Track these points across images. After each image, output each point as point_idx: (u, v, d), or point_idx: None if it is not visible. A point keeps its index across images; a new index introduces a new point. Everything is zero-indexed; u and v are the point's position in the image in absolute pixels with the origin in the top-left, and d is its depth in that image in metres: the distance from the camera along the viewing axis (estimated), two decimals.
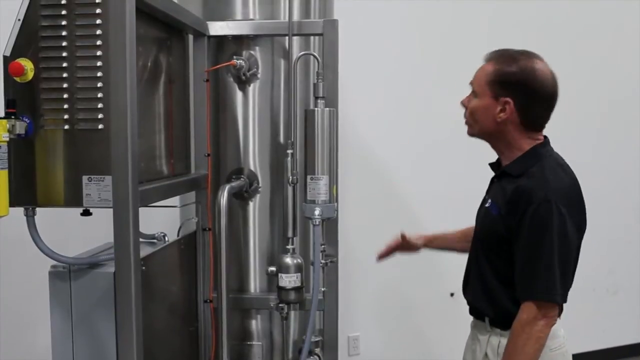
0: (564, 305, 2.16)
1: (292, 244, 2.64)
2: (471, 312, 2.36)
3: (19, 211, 2.07)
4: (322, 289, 2.68)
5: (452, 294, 4.06)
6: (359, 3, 3.78)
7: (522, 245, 2.07)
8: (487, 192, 2.37)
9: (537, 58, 2.18)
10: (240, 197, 2.78)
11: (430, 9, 3.98)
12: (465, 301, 2.39)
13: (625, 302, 4.46)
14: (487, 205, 2.27)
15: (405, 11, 3.94)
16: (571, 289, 2.14)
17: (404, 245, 2.76)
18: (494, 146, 2.29)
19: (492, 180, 2.35)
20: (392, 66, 3.95)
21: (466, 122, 2.29)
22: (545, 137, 2.25)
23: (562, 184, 2.11)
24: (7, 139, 1.93)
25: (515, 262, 2.10)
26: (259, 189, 2.80)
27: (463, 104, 2.29)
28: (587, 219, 2.17)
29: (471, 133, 2.30)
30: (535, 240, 2.05)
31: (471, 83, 2.25)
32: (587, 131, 4.12)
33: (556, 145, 2.29)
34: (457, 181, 3.83)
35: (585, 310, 3.84)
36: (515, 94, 2.14)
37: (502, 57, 2.19)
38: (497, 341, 2.22)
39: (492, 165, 2.37)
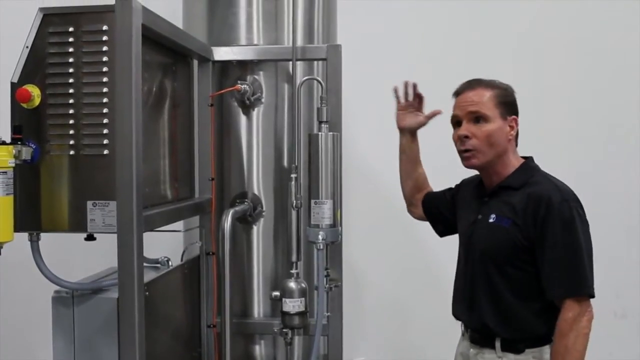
0: None
1: (296, 269, 2.63)
2: (475, 340, 2.31)
3: (23, 235, 2.08)
4: (327, 314, 2.67)
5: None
6: (362, 27, 3.80)
7: (552, 247, 2.12)
8: (473, 212, 2.34)
9: None
10: (244, 221, 2.79)
11: (435, 32, 3.99)
12: None
13: (633, 325, 4.43)
14: (491, 220, 2.24)
15: (409, 35, 3.96)
16: None
17: (413, 100, 2.60)
18: (491, 171, 2.29)
19: (483, 200, 2.33)
20: None
21: (473, 152, 2.25)
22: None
23: (568, 189, 2.20)
24: (14, 165, 1.95)
25: (544, 265, 2.14)
26: (263, 213, 2.80)
27: (464, 135, 2.24)
28: None
29: (481, 161, 2.26)
30: (566, 240, 2.12)
31: (472, 111, 2.23)
32: (589, 152, 4.12)
33: (559, 165, 2.34)
34: None
35: (591, 334, 3.81)
36: (515, 111, 2.28)
37: (487, 82, 2.29)
38: None
39: (474, 186, 2.41)
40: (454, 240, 2.63)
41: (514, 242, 2.17)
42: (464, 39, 3.97)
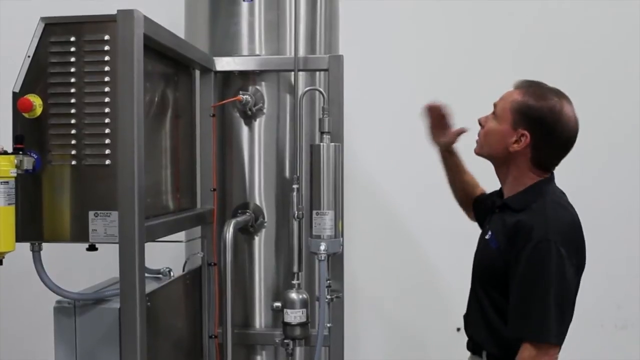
0: (569, 340, 2.13)
1: (298, 279, 2.63)
2: (468, 347, 2.33)
3: (24, 245, 2.07)
4: (328, 325, 2.65)
5: (458, 329, 4.01)
6: (364, 37, 3.81)
7: (517, 282, 2.03)
8: (487, 220, 2.35)
9: (567, 101, 2.14)
10: (246, 232, 2.78)
11: (439, 42, 4.00)
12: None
13: (634, 337, 4.42)
14: (487, 237, 2.24)
15: (412, 45, 3.97)
16: (579, 324, 2.11)
17: (440, 119, 2.56)
18: (498, 172, 2.27)
19: (494, 211, 2.30)
20: (398, 101, 3.96)
21: (477, 140, 2.28)
22: (551, 173, 2.23)
23: (562, 223, 2.07)
24: (15, 175, 1.95)
25: (510, 298, 2.06)
26: (265, 224, 2.80)
27: (480, 121, 2.26)
28: (586, 258, 2.13)
29: (478, 152, 2.27)
30: (530, 278, 2.01)
31: (495, 104, 2.21)
32: (588, 165, 4.11)
33: (558, 178, 2.29)
34: (466, 217, 3.83)
35: (593, 345, 3.80)
36: (534, 130, 2.11)
37: (533, 88, 2.16)
38: None
39: (496, 194, 2.36)
40: (454, 252, 2.63)
41: (495, 266, 2.13)
42: (465, 49, 3.98)
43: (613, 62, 4.01)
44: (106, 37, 2.02)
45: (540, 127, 2.11)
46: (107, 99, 2.02)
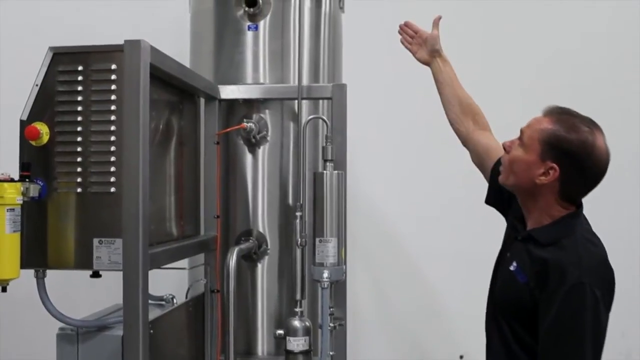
0: None
1: (301, 307, 2.63)
2: None
3: (28, 271, 2.08)
4: (331, 353, 2.64)
5: (461, 357, 4.01)
6: (368, 66, 3.84)
7: (550, 329, 1.90)
8: (507, 247, 2.19)
9: (599, 132, 1.97)
10: (249, 259, 2.79)
11: None
12: None
13: None
14: (512, 268, 2.07)
15: (415, 72, 3.98)
16: None
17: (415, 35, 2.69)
18: (522, 202, 2.11)
19: (515, 237, 2.14)
20: (401, 129, 3.99)
21: (502, 168, 2.11)
22: (579, 205, 2.09)
23: (595, 262, 1.95)
24: (21, 202, 1.96)
25: (541, 342, 1.94)
26: (268, 251, 2.80)
27: (505, 146, 2.08)
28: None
29: (503, 182, 2.10)
30: (565, 326, 1.89)
31: (522, 131, 2.02)
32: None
33: None
34: (468, 243, 3.82)
35: None
36: (564, 163, 1.95)
37: (565, 118, 1.99)
38: None
39: (517, 219, 2.17)
40: (457, 278, 2.62)
41: (523, 301, 1.99)
42: (470, 79, 4.01)
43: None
44: (113, 67, 2.05)
45: (570, 161, 1.95)
46: (113, 128, 2.05)
